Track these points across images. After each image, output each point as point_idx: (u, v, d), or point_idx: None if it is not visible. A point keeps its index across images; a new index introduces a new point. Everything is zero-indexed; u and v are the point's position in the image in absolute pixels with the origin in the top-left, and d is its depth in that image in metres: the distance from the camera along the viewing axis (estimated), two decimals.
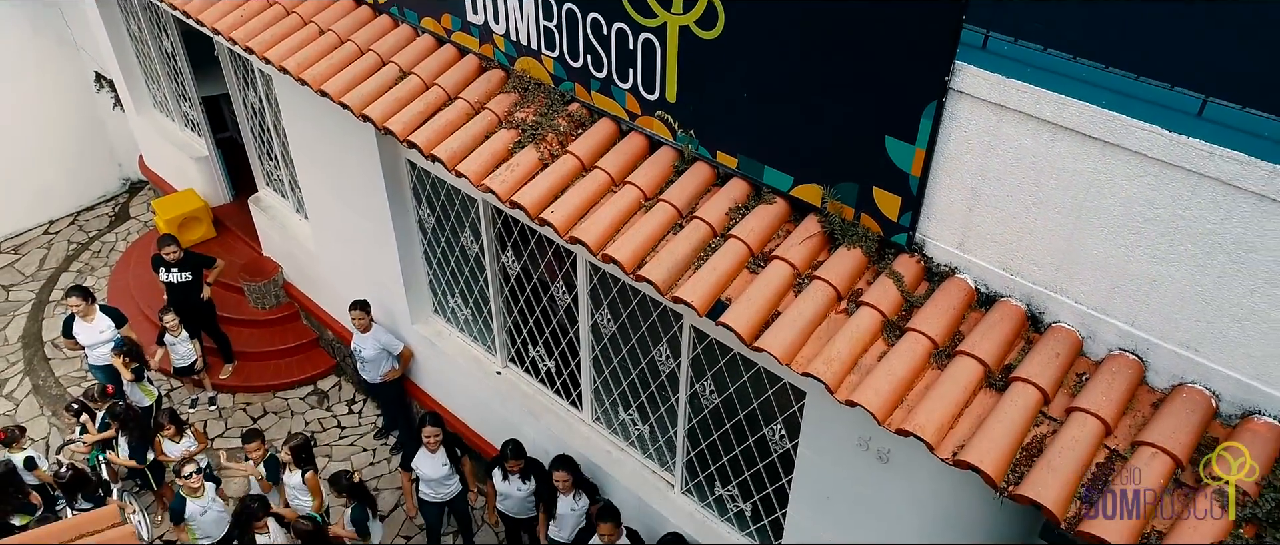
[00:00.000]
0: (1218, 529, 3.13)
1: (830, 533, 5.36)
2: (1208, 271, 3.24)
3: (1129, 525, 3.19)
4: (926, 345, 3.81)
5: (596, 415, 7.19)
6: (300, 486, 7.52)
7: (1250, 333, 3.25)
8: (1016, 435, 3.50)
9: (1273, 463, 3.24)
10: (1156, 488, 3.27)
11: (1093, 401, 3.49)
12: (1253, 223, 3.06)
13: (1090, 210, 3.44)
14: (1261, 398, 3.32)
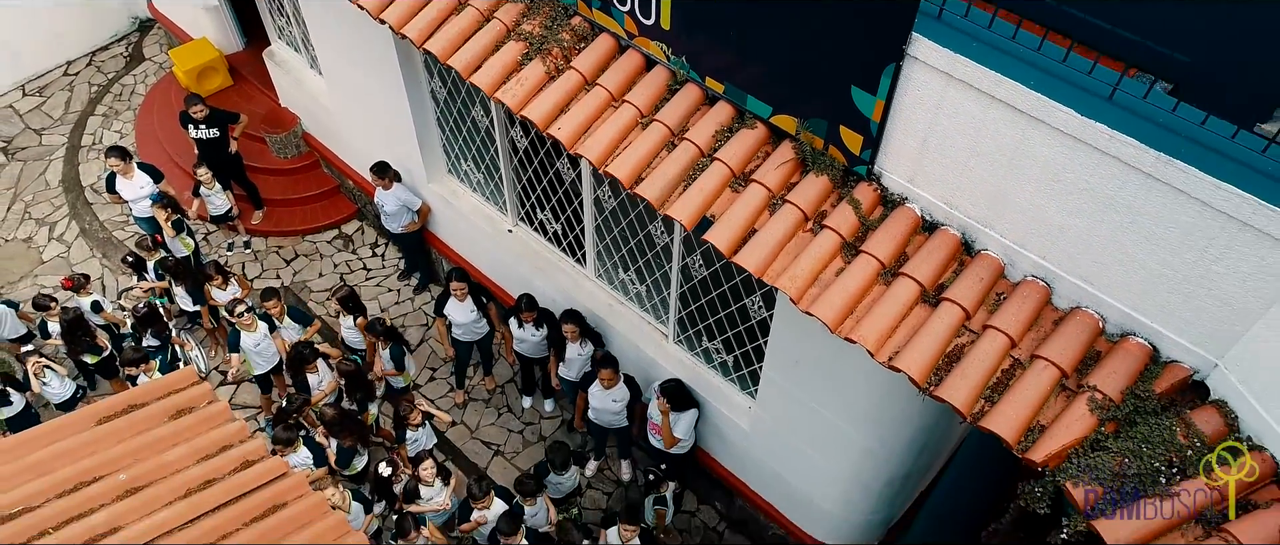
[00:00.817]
0: (1086, 425, 3.99)
1: (796, 389, 6.32)
2: (1103, 225, 3.90)
3: (1019, 420, 4.05)
4: (876, 266, 4.52)
5: (599, 273, 7.99)
6: (352, 328, 8.49)
7: (1132, 274, 3.95)
8: (940, 346, 4.29)
9: (1136, 374, 4.05)
10: (1044, 392, 4.09)
11: (1004, 320, 4.26)
12: (1140, 194, 3.68)
13: (1016, 167, 4.03)
14: (1136, 324, 4.08)
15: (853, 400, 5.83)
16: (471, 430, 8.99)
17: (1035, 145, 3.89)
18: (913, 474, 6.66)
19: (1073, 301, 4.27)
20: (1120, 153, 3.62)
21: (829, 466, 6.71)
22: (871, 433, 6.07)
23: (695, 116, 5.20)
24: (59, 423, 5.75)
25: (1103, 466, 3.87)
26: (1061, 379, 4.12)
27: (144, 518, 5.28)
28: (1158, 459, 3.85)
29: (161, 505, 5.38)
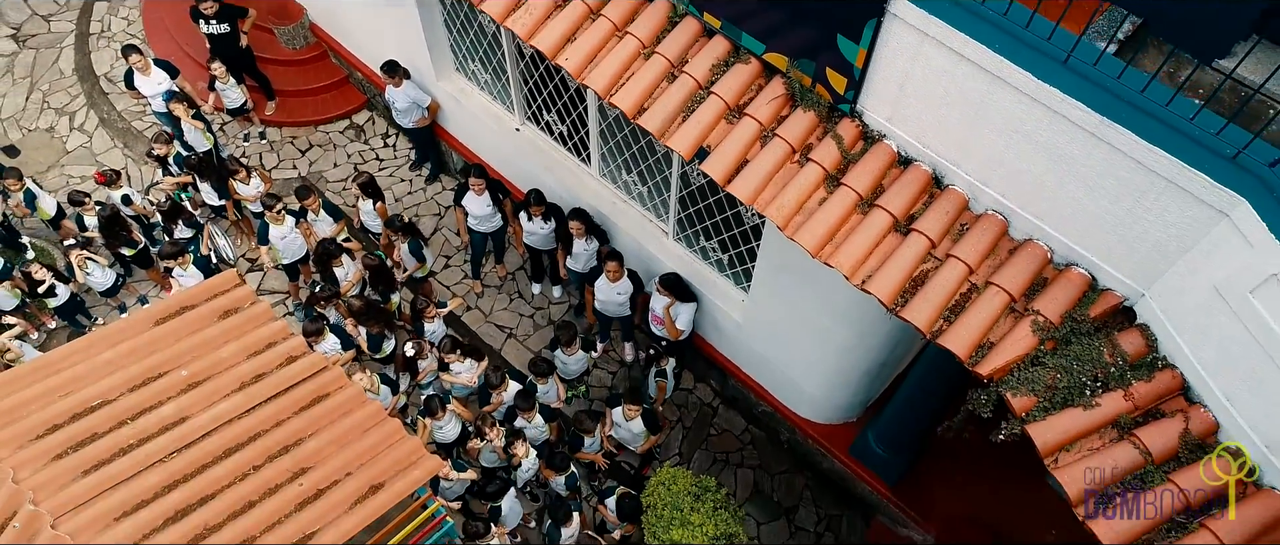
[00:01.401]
0: (1028, 344, 4.63)
1: (784, 289, 6.96)
2: (1054, 172, 4.40)
3: (971, 340, 4.69)
4: (854, 198, 5.04)
5: (603, 173, 8.47)
6: (371, 213, 9.05)
7: (1077, 215, 4.49)
8: (908, 272, 4.88)
9: (1075, 300, 4.66)
10: (995, 314, 4.71)
11: (965, 250, 4.82)
12: (1085, 149, 4.17)
13: (981, 117, 4.49)
14: (1078, 256, 4.66)
15: (833, 302, 6.46)
16: (486, 315, 9.71)
17: (997, 100, 4.34)
18: (887, 364, 7.40)
19: (1026, 234, 4.82)
20: (1069, 114, 4.08)
21: (812, 356, 7.44)
22: (850, 330, 6.74)
23: (693, 49, 5.57)
24: (122, 324, 6.43)
25: (1038, 380, 4.54)
26: (1011, 303, 4.73)
27: (206, 409, 6.03)
28: (1085, 375, 4.51)
29: (221, 397, 6.11)
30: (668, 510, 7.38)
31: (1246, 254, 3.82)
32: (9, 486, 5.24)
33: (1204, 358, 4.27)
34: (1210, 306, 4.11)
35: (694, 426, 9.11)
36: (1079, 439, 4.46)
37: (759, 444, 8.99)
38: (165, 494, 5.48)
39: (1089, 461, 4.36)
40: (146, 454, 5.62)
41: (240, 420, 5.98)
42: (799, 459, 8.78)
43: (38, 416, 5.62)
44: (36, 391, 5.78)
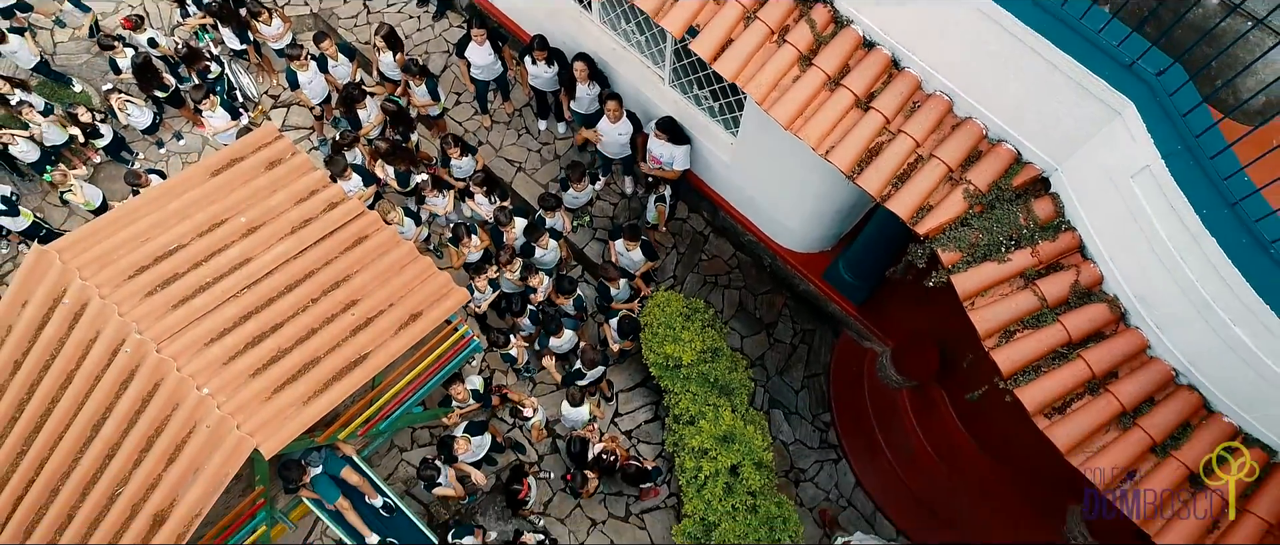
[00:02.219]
0: (960, 208, 5.58)
1: (767, 140, 7.79)
2: (991, 65, 5.17)
3: (913, 204, 5.63)
4: (823, 77, 5.81)
5: (604, 20, 9.03)
6: (391, 64, 9.70)
7: (1008, 100, 5.30)
8: (865, 144, 5.74)
9: (1002, 172, 5.55)
10: (935, 182, 5.62)
11: (914, 126, 5.66)
12: (1016, 52, 4.92)
13: (931, 14, 5.19)
14: (1008, 135, 5.51)
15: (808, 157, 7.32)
16: (496, 150, 10.56)
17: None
18: (856, 206, 8.36)
19: (966, 114, 5.64)
20: (1001, 20, 4.80)
21: (791, 196, 8.39)
22: (822, 179, 7.65)
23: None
24: (184, 175, 7.35)
25: (964, 238, 5.53)
26: (949, 173, 5.63)
27: (266, 251, 7.09)
28: (1003, 235, 5.49)
29: (276, 240, 7.15)
30: (662, 329, 8.61)
31: (1130, 147, 4.69)
32: (116, 319, 6.38)
33: (1096, 224, 5.23)
34: (1103, 184, 5.02)
35: (687, 252, 10.21)
36: (992, 287, 5.51)
37: (744, 268, 10.12)
38: (241, 324, 6.64)
39: (998, 305, 5.43)
40: (222, 290, 6.72)
41: (296, 260, 7.05)
42: (779, 281, 9.94)
43: (127, 260, 6.68)
44: (122, 238, 6.79)
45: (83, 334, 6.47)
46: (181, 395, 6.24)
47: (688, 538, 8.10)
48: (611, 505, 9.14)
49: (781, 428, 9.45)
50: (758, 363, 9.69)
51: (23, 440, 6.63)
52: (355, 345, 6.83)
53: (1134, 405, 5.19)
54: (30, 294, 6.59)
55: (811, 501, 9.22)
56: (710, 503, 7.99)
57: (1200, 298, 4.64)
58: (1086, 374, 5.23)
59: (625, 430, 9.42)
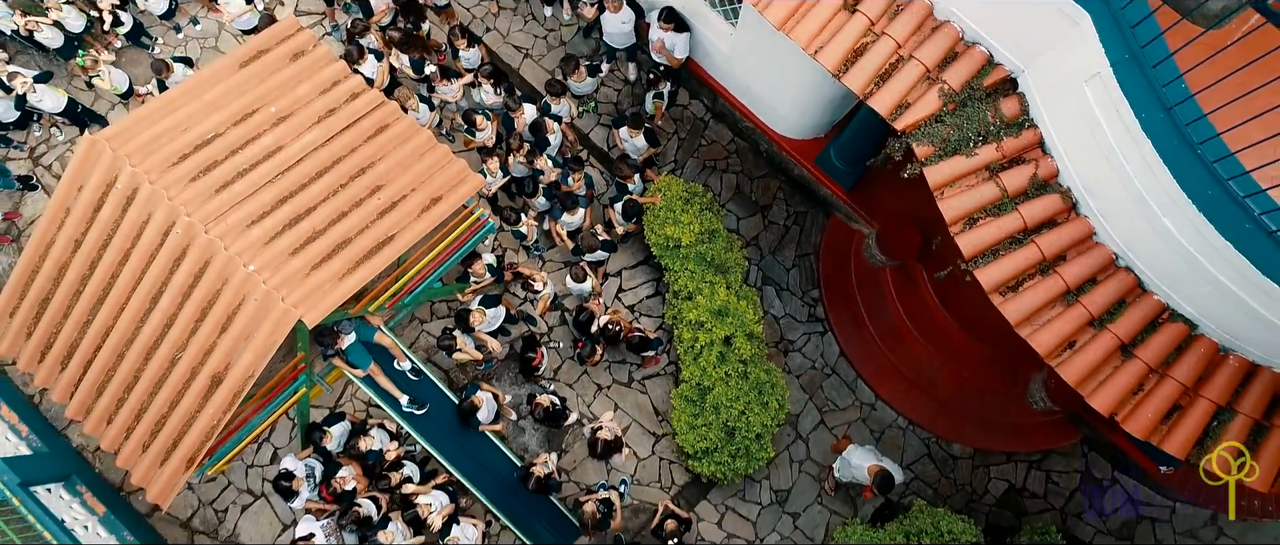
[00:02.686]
0: (934, 106, 6.14)
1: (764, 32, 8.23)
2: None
3: (893, 101, 6.19)
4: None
5: None
6: None
7: (993, 9, 5.77)
8: (851, 46, 6.25)
9: (975, 73, 6.08)
10: (913, 82, 6.16)
11: (896, 29, 6.16)
12: None
13: None
14: (982, 38, 6.01)
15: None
16: (504, 36, 10.94)
17: None
18: (848, 97, 8.85)
19: (945, 17, 6.12)
20: None
21: (785, 86, 8.88)
22: (813, 71, 8.13)
23: None
24: (214, 67, 7.84)
25: (937, 134, 6.12)
26: (926, 73, 6.17)
27: (296, 139, 7.66)
28: (971, 131, 6.08)
29: (305, 129, 7.73)
30: (663, 211, 9.28)
31: (1085, 55, 5.23)
32: (166, 203, 7.04)
33: (1054, 123, 5.82)
34: (1062, 87, 5.58)
35: (687, 138, 10.75)
36: (960, 178, 6.14)
37: (742, 153, 10.69)
38: (278, 208, 7.31)
39: (964, 195, 6.08)
40: (258, 176, 7.36)
41: (324, 148, 7.65)
42: (774, 166, 10.53)
43: (169, 148, 7.28)
44: (162, 128, 7.37)
45: (136, 215, 7.15)
46: (230, 272, 6.98)
47: (684, 401, 9.02)
48: (615, 372, 10.05)
49: (773, 303, 10.26)
50: (752, 243, 10.40)
51: (88, 310, 7.43)
52: (382, 227, 7.52)
53: (1078, 285, 5.92)
54: (85, 179, 7.23)
55: (798, 370, 10.12)
56: (705, 370, 8.86)
57: (1137, 191, 5.28)
58: (1038, 257, 5.94)
59: (629, 305, 10.22)
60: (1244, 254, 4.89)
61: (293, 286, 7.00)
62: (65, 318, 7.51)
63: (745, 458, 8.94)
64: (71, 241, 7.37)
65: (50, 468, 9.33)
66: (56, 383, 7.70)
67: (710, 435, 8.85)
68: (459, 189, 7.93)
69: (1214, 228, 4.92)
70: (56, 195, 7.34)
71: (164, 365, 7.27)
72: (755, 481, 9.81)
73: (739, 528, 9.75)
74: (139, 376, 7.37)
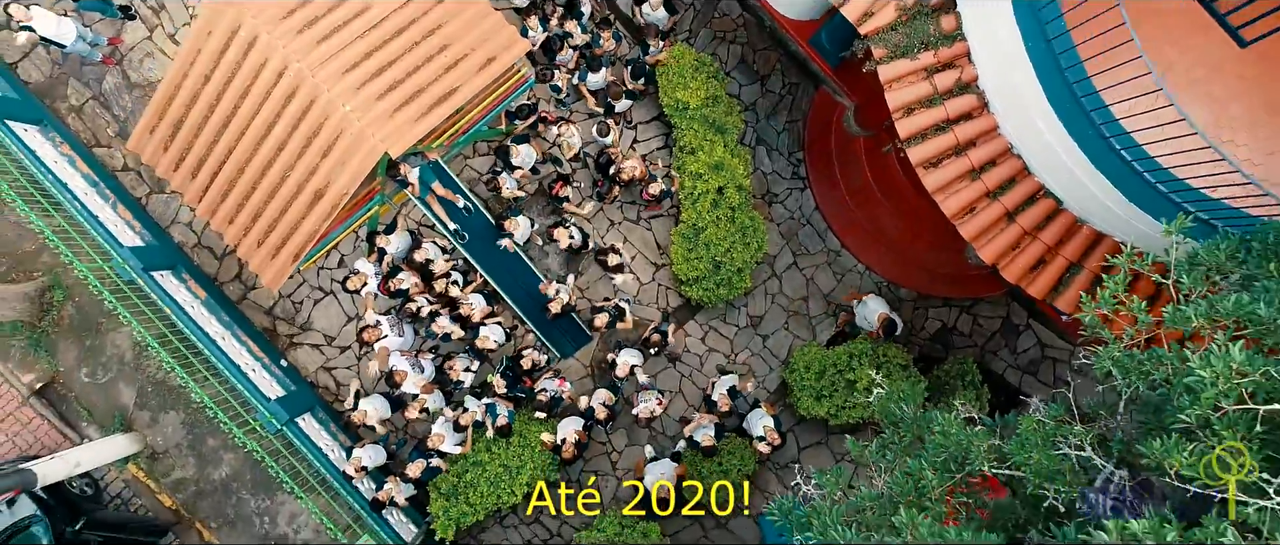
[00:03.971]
0: (892, 16, 8.05)
1: None
2: None
3: (859, 11, 8.09)
4: None
5: None
6: None
7: None
8: None
9: None
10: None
11: None
12: None
13: None
14: None
15: None
16: None
17: None
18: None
19: None
20: None
21: None
22: None
23: None
24: None
25: (891, 39, 8.08)
26: None
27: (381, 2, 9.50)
28: (918, 40, 8.03)
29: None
30: (676, 77, 11.25)
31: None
32: (279, 51, 9.04)
33: (976, 38, 7.76)
34: (984, 12, 7.50)
35: (703, 9, 12.53)
36: (904, 77, 8.14)
37: (748, 26, 12.50)
38: (367, 59, 9.31)
39: (906, 90, 8.10)
40: (351, 32, 9.33)
41: (403, 10, 9.55)
42: (775, 41, 12.37)
43: (279, 5, 9.18)
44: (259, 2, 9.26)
45: (255, 59, 9.17)
46: (331, 110, 9.07)
47: (681, 237, 11.31)
48: (626, 211, 12.29)
49: (763, 161, 12.38)
50: (750, 108, 12.41)
51: (215, 133, 9.57)
52: (449, 79, 9.54)
53: (981, 165, 8.04)
54: (213, 27, 9.19)
55: (779, 219, 12.36)
56: (700, 213, 11.10)
57: (1023, 99, 7.32)
58: (954, 142, 8.03)
59: (641, 154, 12.33)
60: (1084, 152, 6.99)
61: (380, 125, 9.11)
62: (196, 137, 9.66)
63: (727, 287, 11.32)
64: (202, 77, 9.41)
65: (161, 258, 11.73)
66: (187, 188, 9.94)
67: (700, 267, 11.20)
68: (511, 50, 9.88)
69: (1067, 131, 7.00)
70: (189, 38, 9.33)
71: (276, 181, 9.49)
72: (735, 308, 12.25)
73: (718, 344, 12.27)
74: (255, 188, 9.60)
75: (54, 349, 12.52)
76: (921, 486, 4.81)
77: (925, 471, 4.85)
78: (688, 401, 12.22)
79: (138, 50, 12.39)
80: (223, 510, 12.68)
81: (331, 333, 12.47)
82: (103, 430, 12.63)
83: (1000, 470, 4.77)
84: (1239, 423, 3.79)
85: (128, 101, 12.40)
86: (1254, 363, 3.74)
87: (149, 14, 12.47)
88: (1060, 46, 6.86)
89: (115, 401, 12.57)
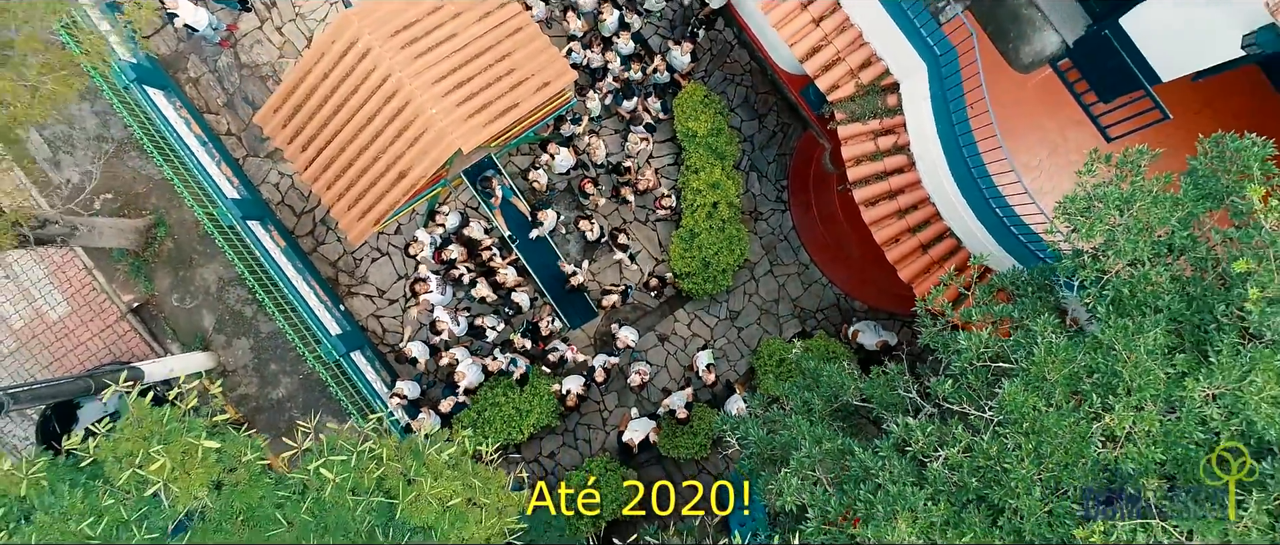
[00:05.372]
0: (852, 90, 11.13)
1: None
2: (887, 36, 10.51)
3: (830, 83, 11.17)
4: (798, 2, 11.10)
5: None
6: None
7: (881, 36, 10.68)
8: (812, 44, 11.16)
9: (877, 76, 11.06)
10: (843, 74, 11.13)
11: (838, 42, 11.06)
12: (896, 38, 10.27)
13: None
14: (885, 60, 10.94)
15: None
16: None
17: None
18: None
19: (868, 39, 11.00)
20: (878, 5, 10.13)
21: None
22: None
23: None
24: None
25: (849, 107, 11.16)
26: (851, 72, 11.12)
27: (465, 29, 12.62)
28: (868, 109, 11.10)
29: (472, 23, 12.68)
30: (688, 109, 14.32)
31: (922, 84, 10.20)
32: (385, 60, 12.10)
33: (910, 115, 10.81)
34: (915, 96, 10.56)
35: (718, 54, 15.61)
36: (856, 136, 11.20)
37: (753, 72, 15.59)
38: (452, 74, 12.37)
39: (857, 145, 11.16)
40: (442, 51, 12.37)
41: (481, 38, 12.62)
42: (774, 87, 15.44)
43: (390, 24, 12.26)
44: (387, 10, 12.32)
45: (365, 66, 12.22)
46: (419, 110, 12.12)
47: (680, 239, 14.37)
48: (638, 213, 15.35)
49: (753, 184, 15.46)
50: (748, 140, 15.50)
51: (326, 118, 12.62)
52: (512, 96, 12.60)
53: (906, 207, 11.11)
54: (338, 36, 12.25)
55: (762, 233, 15.44)
56: (697, 221, 14.18)
57: (934, 161, 10.38)
58: (888, 189, 11.10)
59: (656, 168, 15.40)
60: (974, 210, 10.06)
61: (456, 125, 12.15)
62: (310, 119, 12.71)
63: (713, 283, 14.39)
64: (322, 74, 12.46)
65: (254, 209, 14.78)
66: (298, 158, 12.98)
67: (693, 264, 14.26)
68: (562, 78, 12.94)
69: (960, 191, 10.06)
70: (316, 42, 12.38)
71: (369, 160, 12.54)
72: (718, 302, 15.32)
73: (701, 331, 15.33)
74: (351, 164, 12.65)
75: (152, 276, 15.56)
76: (811, 408, 7.88)
77: (815, 400, 7.92)
78: (670, 375, 15.27)
79: (248, 37, 15.47)
80: (276, 424, 15.70)
81: (383, 287, 15.52)
82: (184, 347, 15.68)
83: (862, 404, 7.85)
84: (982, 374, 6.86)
85: (236, 78, 15.48)
86: (991, 343, 6.80)
87: (262, 8, 15.54)
88: (960, 130, 9.92)
89: (197, 324, 15.62)
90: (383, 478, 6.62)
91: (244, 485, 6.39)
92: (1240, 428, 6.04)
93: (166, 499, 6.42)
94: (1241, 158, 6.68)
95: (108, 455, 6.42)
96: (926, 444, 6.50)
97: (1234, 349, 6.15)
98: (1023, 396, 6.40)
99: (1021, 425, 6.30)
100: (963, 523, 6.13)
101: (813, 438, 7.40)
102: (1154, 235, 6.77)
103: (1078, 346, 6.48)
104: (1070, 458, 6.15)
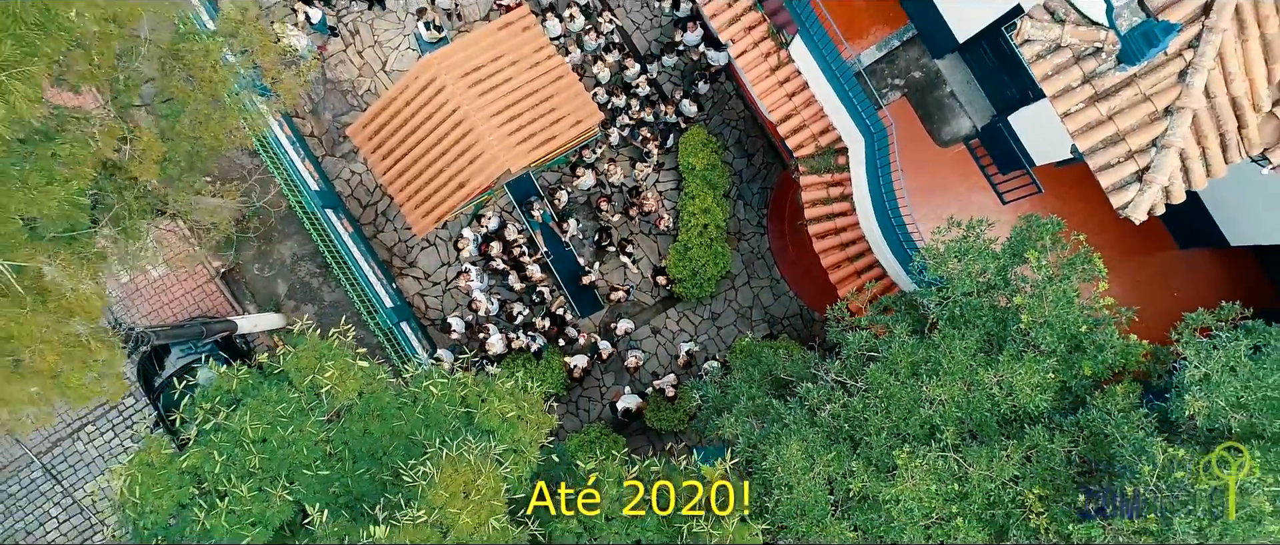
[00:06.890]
0: (814, 149, 15.10)
1: None
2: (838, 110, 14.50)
3: (797, 142, 15.15)
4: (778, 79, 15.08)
5: None
6: None
7: (829, 107, 14.67)
8: (787, 112, 15.13)
9: (832, 141, 15.04)
10: (805, 137, 15.11)
11: (806, 111, 15.04)
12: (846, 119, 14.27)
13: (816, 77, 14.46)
14: (839, 129, 14.94)
15: None
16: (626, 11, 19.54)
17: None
18: None
19: (827, 112, 14.99)
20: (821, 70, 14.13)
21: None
22: None
23: None
24: (485, 28, 16.76)
25: (810, 162, 15.14)
26: (813, 135, 15.09)
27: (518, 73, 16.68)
28: (824, 166, 15.08)
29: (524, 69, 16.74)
30: (690, 147, 18.31)
31: (861, 152, 14.19)
32: (455, 96, 16.09)
33: (854, 174, 14.76)
34: (857, 160, 14.52)
35: (719, 101, 19.58)
36: (814, 186, 15.16)
37: (746, 120, 19.57)
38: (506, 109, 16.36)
39: (814, 192, 15.12)
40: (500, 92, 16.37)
41: (531, 83, 16.60)
42: (762, 132, 19.39)
43: (462, 68, 16.26)
44: (459, 57, 16.32)
45: (440, 100, 16.19)
46: (478, 137, 16.08)
47: (675, 251, 18.37)
48: (644, 227, 19.32)
49: (739, 210, 19.46)
50: (738, 173, 19.49)
51: (403, 136, 16.59)
52: (552, 130, 16.57)
53: (847, 242, 15.08)
54: (420, 74, 16.21)
55: (743, 251, 19.46)
56: (690, 236, 18.20)
57: (867, 209, 14.32)
58: (835, 227, 15.07)
59: (661, 191, 19.36)
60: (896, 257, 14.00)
61: (506, 149, 16.11)
62: (391, 136, 16.66)
63: (700, 289, 18.38)
64: (404, 101, 16.44)
65: (330, 199, 18.75)
66: (377, 164, 16.94)
67: (685, 272, 18.24)
68: (592, 118, 16.92)
69: (884, 238, 14.02)
70: (402, 80, 16.37)
71: (434, 173, 16.50)
72: (703, 304, 19.31)
73: (687, 327, 19.32)
74: (421, 173, 16.62)
75: (239, 247, 19.52)
76: (752, 378, 11.85)
77: (755, 372, 11.89)
78: (659, 361, 19.24)
79: (334, 57, 19.46)
80: None
81: (429, 271, 19.48)
82: (260, 309, 19.63)
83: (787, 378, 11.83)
84: (860, 359, 10.83)
85: (321, 91, 19.45)
86: (867, 340, 10.76)
87: (347, 35, 19.53)
88: (885, 188, 13.87)
89: (272, 291, 19.59)
90: (465, 397, 10.55)
91: (378, 391, 10.33)
92: (1014, 401, 10.02)
93: (326, 400, 10.37)
94: (1039, 231, 10.65)
95: (292, 367, 10.38)
96: (819, 401, 10.44)
97: (1015, 353, 10.13)
98: (882, 375, 10.35)
99: (878, 392, 10.25)
100: (832, 449, 10.04)
101: (748, 395, 11.34)
102: (979, 278, 10.73)
103: (919, 345, 10.42)
104: (905, 412, 10.10)
